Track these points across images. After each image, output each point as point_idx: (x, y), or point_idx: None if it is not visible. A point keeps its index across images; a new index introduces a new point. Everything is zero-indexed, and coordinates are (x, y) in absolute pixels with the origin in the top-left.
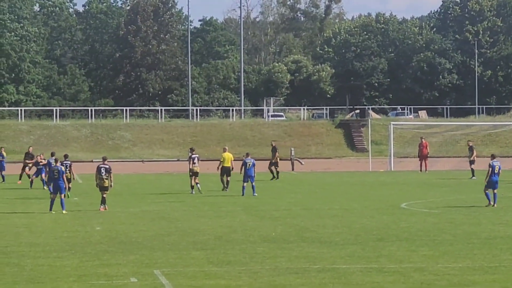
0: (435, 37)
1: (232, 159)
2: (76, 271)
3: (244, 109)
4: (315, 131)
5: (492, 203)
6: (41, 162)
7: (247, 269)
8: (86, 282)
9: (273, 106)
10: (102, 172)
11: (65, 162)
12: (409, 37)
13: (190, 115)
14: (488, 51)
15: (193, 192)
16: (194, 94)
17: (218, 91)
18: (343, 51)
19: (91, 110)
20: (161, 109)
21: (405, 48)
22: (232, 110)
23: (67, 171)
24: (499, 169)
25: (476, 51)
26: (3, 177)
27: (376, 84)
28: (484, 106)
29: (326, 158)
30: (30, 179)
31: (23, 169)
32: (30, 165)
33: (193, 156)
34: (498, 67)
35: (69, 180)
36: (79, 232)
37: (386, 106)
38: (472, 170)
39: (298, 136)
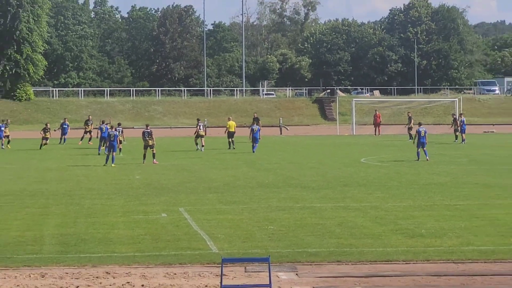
0: (385, 36)
1: (235, 125)
2: (122, 208)
3: (245, 90)
4: (297, 106)
5: (418, 158)
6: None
7: (247, 207)
8: (129, 217)
9: (266, 87)
10: (146, 136)
11: (118, 128)
12: (366, 36)
13: (205, 93)
14: (424, 47)
15: (198, 149)
16: (208, 78)
17: (226, 76)
18: (318, 46)
19: (133, 90)
20: (184, 90)
21: (363, 44)
22: (236, 90)
23: (120, 135)
24: (425, 133)
25: (416, 46)
26: (64, 139)
27: (342, 71)
28: (422, 87)
29: (305, 125)
30: (89, 138)
31: (85, 132)
32: (88, 129)
33: (199, 124)
34: (432, 58)
35: (120, 142)
36: (124, 180)
37: (349, 87)
38: (410, 134)
39: (285, 109)
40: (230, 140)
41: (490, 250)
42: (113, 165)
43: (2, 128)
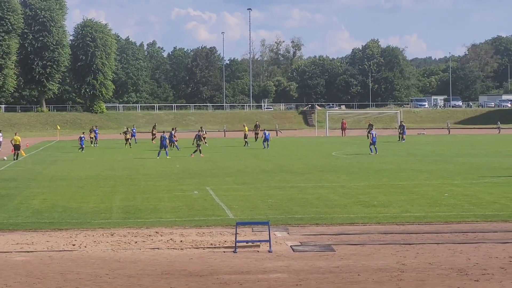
0: (348, 67)
1: (247, 130)
2: (166, 187)
3: (251, 105)
4: (288, 116)
5: (372, 153)
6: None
7: (254, 186)
8: (171, 193)
9: (266, 103)
10: (197, 137)
11: (171, 131)
12: (335, 67)
13: (224, 108)
14: (376, 74)
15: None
16: (226, 97)
17: (239, 96)
18: (302, 75)
19: (174, 105)
20: (210, 105)
21: (333, 73)
22: (246, 105)
23: (174, 135)
24: (375, 134)
25: (370, 74)
26: (135, 141)
27: (319, 92)
28: (374, 103)
29: (293, 129)
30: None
31: (153, 135)
32: (154, 135)
33: (196, 135)
34: (382, 82)
35: (172, 142)
36: (168, 168)
37: (324, 103)
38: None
39: (279, 119)
40: (245, 140)
41: (422, 216)
42: (167, 157)
43: (97, 131)
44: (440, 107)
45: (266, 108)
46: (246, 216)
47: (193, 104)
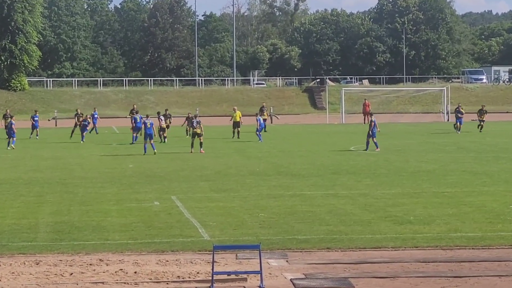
0: (373, 26)
1: (241, 115)
2: (115, 196)
3: (235, 79)
4: (287, 95)
5: (378, 149)
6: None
7: (239, 195)
8: (122, 205)
9: (257, 77)
10: (194, 124)
11: (160, 116)
12: (354, 26)
13: (197, 83)
14: (412, 37)
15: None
16: (199, 68)
17: (217, 66)
18: (307, 37)
19: (125, 80)
20: (176, 79)
21: (352, 35)
22: (227, 79)
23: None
24: (375, 124)
25: (403, 36)
26: (96, 130)
27: (331, 61)
28: (410, 76)
29: (295, 114)
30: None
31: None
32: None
33: (193, 120)
34: (420, 48)
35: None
36: (117, 168)
37: (338, 76)
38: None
39: (275, 98)
40: (235, 130)
41: (478, 237)
42: (155, 151)
43: (37, 118)
44: (504, 81)
45: (257, 84)
46: (227, 237)
47: (152, 79)
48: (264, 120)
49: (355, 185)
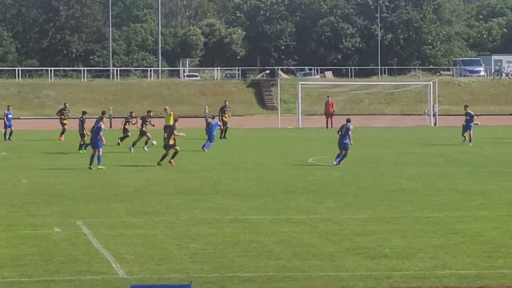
0: (338, 2)
1: (173, 119)
2: (4, 221)
3: (161, 70)
4: (228, 90)
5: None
6: None
7: (164, 220)
8: (13, 232)
9: (189, 67)
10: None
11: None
12: (315, 2)
13: (111, 75)
14: (389, 16)
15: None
16: (114, 55)
17: (137, 53)
18: (254, 15)
19: (18, 70)
20: (84, 70)
21: (311, 13)
22: (150, 70)
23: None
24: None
25: (378, 15)
26: (9, 135)
27: (284, 46)
28: (386, 67)
29: (238, 115)
30: None
31: None
32: None
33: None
34: (399, 30)
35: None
36: (7, 184)
37: (294, 67)
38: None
39: (212, 95)
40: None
41: (472, 275)
42: (99, 167)
43: (10, 114)
44: (508, 75)
45: (188, 76)
46: (149, 274)
47: (53, 68)
48: (224, 123)
49: (314, 207)
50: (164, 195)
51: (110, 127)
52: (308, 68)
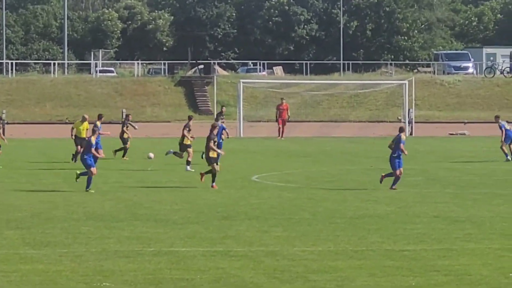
0: None
1: (88, 128)
2: None
3: (68, 63)
4: (151, 90)
5: None
6: None
7: (70, 252)
8: None
9: (102, 60)
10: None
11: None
12: None
13: (5, 69)
14: None
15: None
16: (9, 45)
17: (38, 42)
18: None
19: None
20: None
21: None
22: (54, 64)
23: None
24: None
25: None
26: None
27: (222, 35)
28: (351, 62)
29: (164, 121)
30: None
31: None
32: None
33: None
34: (367, 16)
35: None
36: None
37: (235, 61)
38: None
39: (131, 96)
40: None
41: None
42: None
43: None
44: (503, 72)
45: (102, 72)
46: None
47: None
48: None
49: (259, 237)
50: (70, 222)
51: (4, 134)
52: (252, 63)
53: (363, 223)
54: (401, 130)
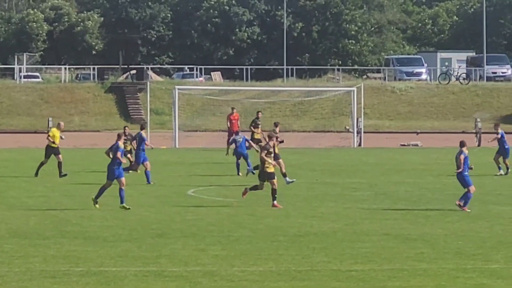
0: None
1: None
2: None
3: None
4: (80, 97)
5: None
6: None
7: None
8: None
9: (27, 65)
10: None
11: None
12: None
13: None
14: (300, 0)
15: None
16: None
17: None
18: None
19: None
20: None
21: None
22: None
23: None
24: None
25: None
26: None
27: (156, 38)
28: (295, 67)
29: (93, 131)
30: None
31: None
32: None
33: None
34: (313, 18)
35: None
36: None
37: (170, 66)
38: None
39: (58, 103)
40: (44, 161)
41: None
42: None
43: None
44: (458, 79)
45: (26, 77)
46: None
47: None
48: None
49: (195, 256)
50: None
51: None
52: (188, 68)
53: (307, 241)
54: (462, 144)
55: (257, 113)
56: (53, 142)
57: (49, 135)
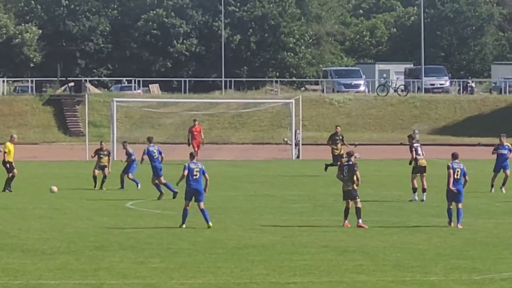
0: None
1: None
2: None
3: None
4: (18, 110)
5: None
6: None
7: None
8: None
9: None
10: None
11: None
12: None
13: None
14: (238, 10)
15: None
16: None
17: None
18: (53, 8)
19: None
20: None
21: (132, 5)
22: None
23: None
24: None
25: (222, 9)
26: None
27: (95, 50)
28: (233, 79)
29: (31, 143)
30: None
31: None
32: None
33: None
34: (251, 29)
35: None
36: None
37: (108, 78)
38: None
39: None
40: (10, 176)
41: None
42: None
43: None
44: (396, 90)
45: None
46: None
47: None
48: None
49: (134, 269)
50: None
51: None
52: (126, 80)
53: (246, 254)
54: (455, 157)
55: (336, 128)
56: (7, 160)
57: (5, 151)
